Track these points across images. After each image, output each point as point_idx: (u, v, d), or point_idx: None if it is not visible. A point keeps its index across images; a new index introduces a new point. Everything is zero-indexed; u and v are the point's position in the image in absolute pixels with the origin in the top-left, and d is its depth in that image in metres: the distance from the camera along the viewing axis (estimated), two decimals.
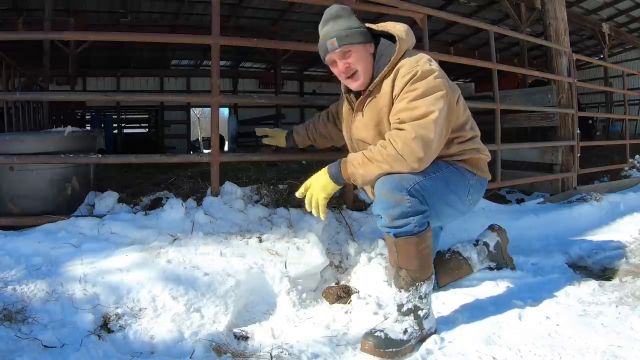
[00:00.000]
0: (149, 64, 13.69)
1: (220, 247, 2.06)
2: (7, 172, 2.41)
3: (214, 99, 2.46)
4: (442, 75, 1.72)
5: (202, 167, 3.90)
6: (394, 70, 1.72)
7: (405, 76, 1.68)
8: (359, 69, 1.77)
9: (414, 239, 1.65)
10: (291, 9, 10.40)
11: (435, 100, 1.64)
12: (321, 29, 1.81)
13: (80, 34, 5.11)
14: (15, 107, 4.80)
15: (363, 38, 1.77)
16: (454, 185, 1.77)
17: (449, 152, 1.78)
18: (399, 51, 1.74)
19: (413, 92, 1.65)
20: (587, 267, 2.54)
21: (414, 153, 1.61)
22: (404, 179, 1.64)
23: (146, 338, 1.62)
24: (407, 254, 1.66)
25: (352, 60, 1.76)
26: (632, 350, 1.52)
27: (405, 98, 1.66)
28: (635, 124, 12.33)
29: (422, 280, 1.68)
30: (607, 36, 11.04)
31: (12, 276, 1.77)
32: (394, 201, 1.62)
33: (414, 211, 1.63)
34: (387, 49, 1.78)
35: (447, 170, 1.76)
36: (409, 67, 1.69)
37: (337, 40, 1.74)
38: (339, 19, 1.77)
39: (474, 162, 1.84)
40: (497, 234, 2.29)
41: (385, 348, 1.59)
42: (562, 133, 4.14)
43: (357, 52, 1.76)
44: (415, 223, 1.64)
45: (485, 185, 1.93)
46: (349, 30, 1.75)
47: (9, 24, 7.23)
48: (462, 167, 1.81)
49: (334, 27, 1.76)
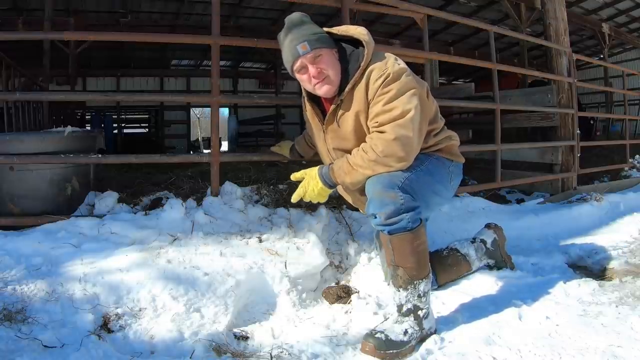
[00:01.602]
0: (149, 64, 13.68)
1: (220, 247, 2.06)
2: (7, 172, 2.41)
3: (214, 99, 2.46)
4: (411, 72, 1.75)
5: (202, 167, 3.90)
6: (364, 76, 1.72)
7: (377, 80, 1.69)
8: (330, 74, 1.76)
9: (408, 236, 1.67)
10: (291, 9, 10.35)
11: (410, 98, 1.67)
12: (284, 36, 1.78)
13: (80, 34, 5.12)
14: (15, 107, 4.80)
15: (330, 43, 1.78)
16: (437, 174, 1.83)
17: (427, 145, 1.82)
18: (367, 57, 1.74)
19: (387, 94, 1.67)
20: (587, 267, 2.54)
21: (396, 154, 1.64)
22: (393, 176, 1.67)
23: (146, 338, 1.63)
24: (402, 251, 1.68)
25: (323, 65, 1.74)
26: (632, 350, 1.52)
27: (380, 101, 1.68)
28: (635, 124, 12.31)
29: (420, 279, 1.69)
30: (607, 36, 11.04)
31: (12, 276, 1.77)
32: (388, 199, 1.64)
33: (406, 207, 1.66)
34: (353, 54, 1.78)
35: (429, 162, 1.81)
36: (380, 70, 1.70)
37: (309, 43, 1.72)
38: (303, 25, 1.77)
39: (449, 149, 1.90)
40: (493, 232, 2.29)
41: (385, 349, 1.59)
42: (562, 133, 4.14)
43: (328, 56, 1.76)
44: (409, 219, 1.66)
45: (461, 169, 1.99)
46: (317, 34, 1.75)
47: (9, 24, 7.22)
48: (440, 157, 1.87)
49: (300, 33, 1.74)
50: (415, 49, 2.70)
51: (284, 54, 1.79)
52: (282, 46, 1.79)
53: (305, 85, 1.83)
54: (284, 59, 1.80)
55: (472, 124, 5.27)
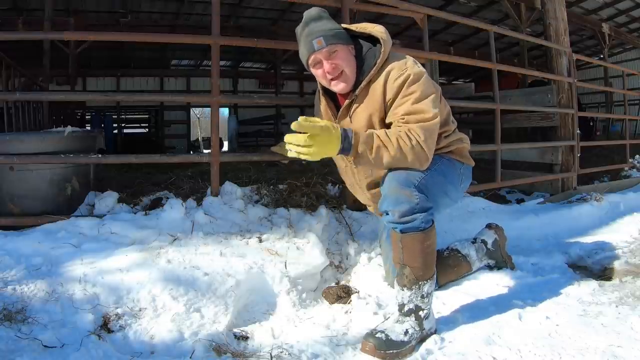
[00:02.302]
0: (149, 64, 13.68)
1: (220, 247, 2.06)
2: (7, 172, 2.41)
3: (214, 99, 2.46)
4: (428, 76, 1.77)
5: (202, 167, 3.90)
6: (383, 74, 1.73)
7: (397, 79, 1.69)
8: (346, 70, 1.75)
9: (419, 236, 1.67)
10: (291, 9, 10.39)
11: (434, 103, 1.69)
12: (301, 30, 1.78)
13: (80, 34, 5.12)
14: (15, 107, 4.80)
15: (346, 39, 1.78)
16: (449, 175, 1.83)
17: (438, 146, 1.82)
18: (384, 54, 1.74)
19: (413, 94, 1.68)
20: (587, 267, 2.54)
21: (425, 154, 1.66)
22: (410, 175, 1.67)
23: (146, 338, 1.62)
24: (412, 250, 1.68)
25: (338, 60, 1.73)
26: (632, 350, 1.52)
27: (406, 101, 1.68)
28: (635, 124, 12.32)
29: (425, 280, 1.69)
30: (607, 36, 11.04)
31: (12, 276, 1.77)
32: (404, 197, 1.64)
33: (420, 207, 1.66)
34: (370, 52, 1.78)
35: (441, 163, 1.81)
36: (399, 70, 1.70)
37: (324, 39, 1.71)
38: (321, 20, 1.76)
39: (460, 151, 1.91)
40: (494, 232, 2.29)
41: (386, 349, 1.59)
42: (562, 133, 4.14)
43: (343, 52, 1.75)
44: (422, 219, 1.66)
45: (471, 171, 1.99)
46: (334, 30, 1.74)
47: (9, 24, 7.22)
48: (451, 158, 1.87)
49: (317, 27, 1.74)
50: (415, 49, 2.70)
51: (300, 47, 1.79)
52: (299, 40, 1.80)
53: (320, 80, 1.84)
54: (299, 53, 1.81)
55: (472, 124, 5.27)
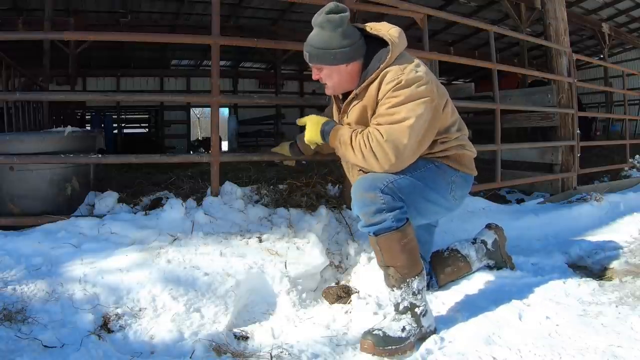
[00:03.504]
0: (149, 64, 13.68)
1: (220, 247, 2.06)
2: (7, 172, 2.41)
3: (214, 99, 2.46)
4: (429, 81, 1.71)
5: (202, 167, 3.90)
6: (380, 75, 1.73)
7: (389, 83, 1.69)
8: (328, 83, 1.83)
9: (394, 235, 1.67)
10: (291, 9, 10.39)
11: (415, 107, 1.66)
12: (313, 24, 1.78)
13: (80, 34, 5.12)
14: (15, 107, 4.80)
15: (337, 60, 1.76)
16: (432, 182, 1.79)
17: (431, 151, 1.81)
18: (389, 59, 1.73)
19: (394, 99, 1.68)
20: (587, 267, 2.54)
21: (386, 155, 1.66)
22: (376, 179, 1.69)
23: (146, 338, 1.63)
24: (390, 250, 1.69)
25: (323, 75, 1.82)
26: (632, 350, 1.52)
27: (386, 104, 1.69)
28: (635, 124, 12.32)
29: (412, 277, 1.69)
30: (607, 36, 11.03)
31: (12, 276, 1.77)
32: (368, 200, 1.67)
33: (388, 207, 1.67)
34: (377, 55, 1.78)
35: (426, 169, 1.79)
36: (394, 74, 1.70)
37: (309, 57, 1.79)
38: (322, 31, 1.74)
39: (457, 158, 1.86)
40: (494, 232, 2.29)
41: (384, 346, 1.60)
42: (562, 133, 4.14)
43: (329, 70, 1.79)
44: (392, 218, 1.67)
45: (470, 181, 1.94)
46: (324, 50, 1.74)
47: (9, 24, 7.22)
48: (443, 164, 1.83)
49: (312, 39, 1.77)
50: (415, 49, 2.69)
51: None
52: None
53: None
54: None
55: (472, 124, 5.25)
